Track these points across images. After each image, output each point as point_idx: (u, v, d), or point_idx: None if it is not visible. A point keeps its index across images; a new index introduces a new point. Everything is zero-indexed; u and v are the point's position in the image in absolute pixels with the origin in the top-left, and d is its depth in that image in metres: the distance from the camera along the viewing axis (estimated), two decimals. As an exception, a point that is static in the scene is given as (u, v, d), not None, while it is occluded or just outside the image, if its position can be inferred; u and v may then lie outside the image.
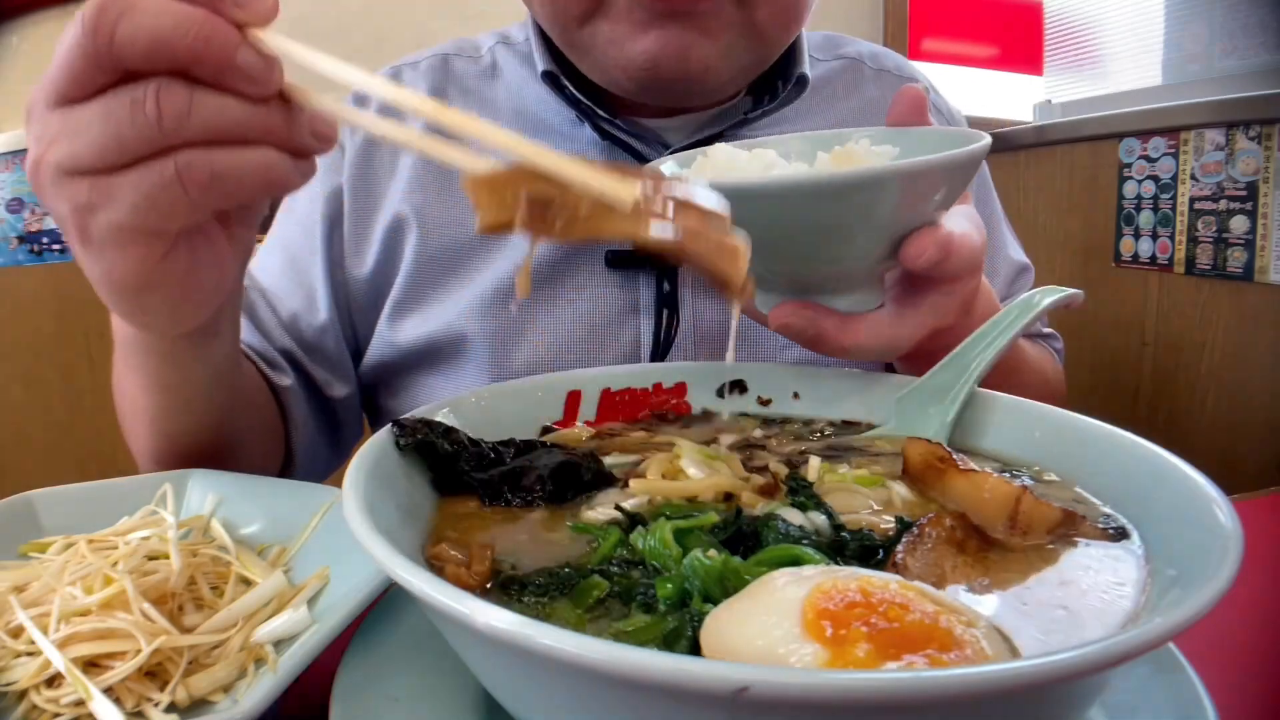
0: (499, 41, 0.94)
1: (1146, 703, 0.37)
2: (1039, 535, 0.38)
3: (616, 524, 0.40)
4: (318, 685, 0.38)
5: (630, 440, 0.54)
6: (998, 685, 0.22)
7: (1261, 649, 0.51)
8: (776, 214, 0.49)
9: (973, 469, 0.42)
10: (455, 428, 0.47)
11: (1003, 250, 0.98)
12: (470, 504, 0.45)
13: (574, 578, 0.35)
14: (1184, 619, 0.25)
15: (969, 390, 0.53)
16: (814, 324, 0.55)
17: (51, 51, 0.41)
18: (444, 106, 0.40)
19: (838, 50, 0.97)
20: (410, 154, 0.85)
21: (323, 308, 0.85)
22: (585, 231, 0.38)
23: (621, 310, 0.81)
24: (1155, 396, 1.94)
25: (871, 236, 0.52)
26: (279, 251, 0.88)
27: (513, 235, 0.40)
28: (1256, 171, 1.70)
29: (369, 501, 0.35)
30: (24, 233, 2.14)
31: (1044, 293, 0.59)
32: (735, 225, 0.42)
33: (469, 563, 0.37)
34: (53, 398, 2.14)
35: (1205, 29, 2.00)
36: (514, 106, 0.88)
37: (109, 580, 0.43)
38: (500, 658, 0.29)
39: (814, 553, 0.35)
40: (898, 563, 0.35)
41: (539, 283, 0.81)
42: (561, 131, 0.85)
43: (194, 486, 0.57)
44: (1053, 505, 0.38)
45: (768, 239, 0.49)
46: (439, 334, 0.82)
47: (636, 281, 0.82)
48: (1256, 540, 0.32)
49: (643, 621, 0.32)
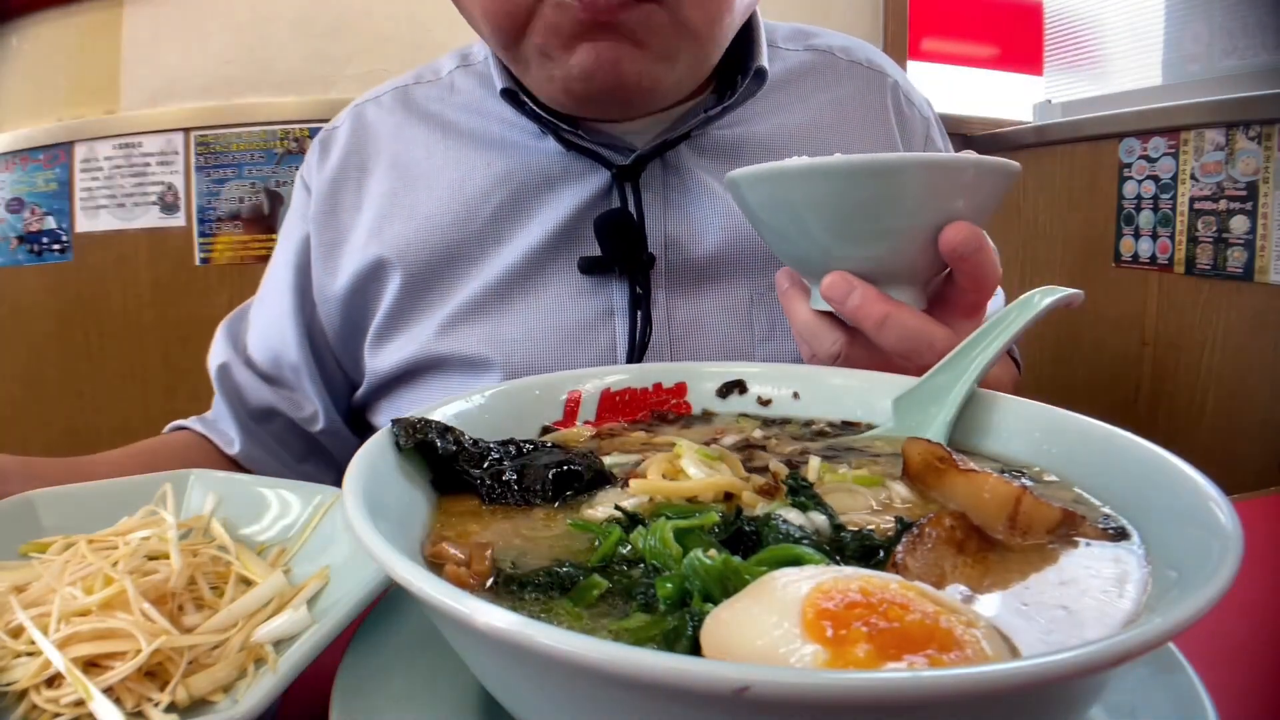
0: (459, 65, 0.95)
1: (1146, 703, 0.37)
2: (1039, 535, 0.38)
3: (616, 523, 0.40)
4: (318, 685, 0.38)
5: (630, 440, 0.54)
6: (998, 685, 0.22)
7: (1261, 649, 0.51)
8: (833, 190, 0.59)
9: (972, 469, 0.41)
10: (454, 427, 0.47)
11: None
12: (470, 503, 0.44)
13: (574, 576, 0.35)
14: (1184, 619, 0.25)
15: (968, 391, 0.52)
16: (859, 289, 0.60)
17: (51, 51, 0.41)
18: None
19: (808, 41, 0.96)
20: (376, 185, 0.88)
21: (293, 346, 0.88)
22: None
23: (595, 315, 0.82)
24: (1155, 396, 1.94)
25: (920, 222, 0.59)
26: (259, 306, 0.94)
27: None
28: (1256, 171, 1.70)
29: (369, 501, 0.35)
30: (24, 233, 2.14)
31: (1043, 292, 0.58)
32: (797, 208, 0.61)
33: (469, 562, 0.37)
34: (53, 398, 2.14)
35: (1205, 29, 2.00)
36: (474, 127, 0.88)
37: (109, 580, 0.43)
38: (500, 658, 0.29)
39: (814, 552, 0.35)
40: (898, 562, 0.35)
41: (512, 290, 0.82)
42: (525, 145, 0.85)
43: (194, 486, 0.57)
44: (1052, 505, 0.38)
45: (825, 216, 0.60)
46: (420, 355, 0.83)
47: (609, 286, 0.82)
48: (1256, 540, 0.32)
49: (642, 620, 0.32)
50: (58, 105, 2.13)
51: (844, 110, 0.91)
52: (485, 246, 0.83)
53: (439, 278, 0.84)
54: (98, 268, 2.13)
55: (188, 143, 2.11)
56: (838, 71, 0.94)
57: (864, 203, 0.59)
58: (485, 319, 0.82)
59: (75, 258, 2.14)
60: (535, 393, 0.56)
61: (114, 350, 2.14)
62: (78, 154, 2.11)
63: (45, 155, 2.12)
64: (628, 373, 0.59)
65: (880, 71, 0.96)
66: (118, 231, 2.12)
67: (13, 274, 2.15)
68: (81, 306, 2.13)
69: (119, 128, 2.11)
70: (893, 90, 0.95)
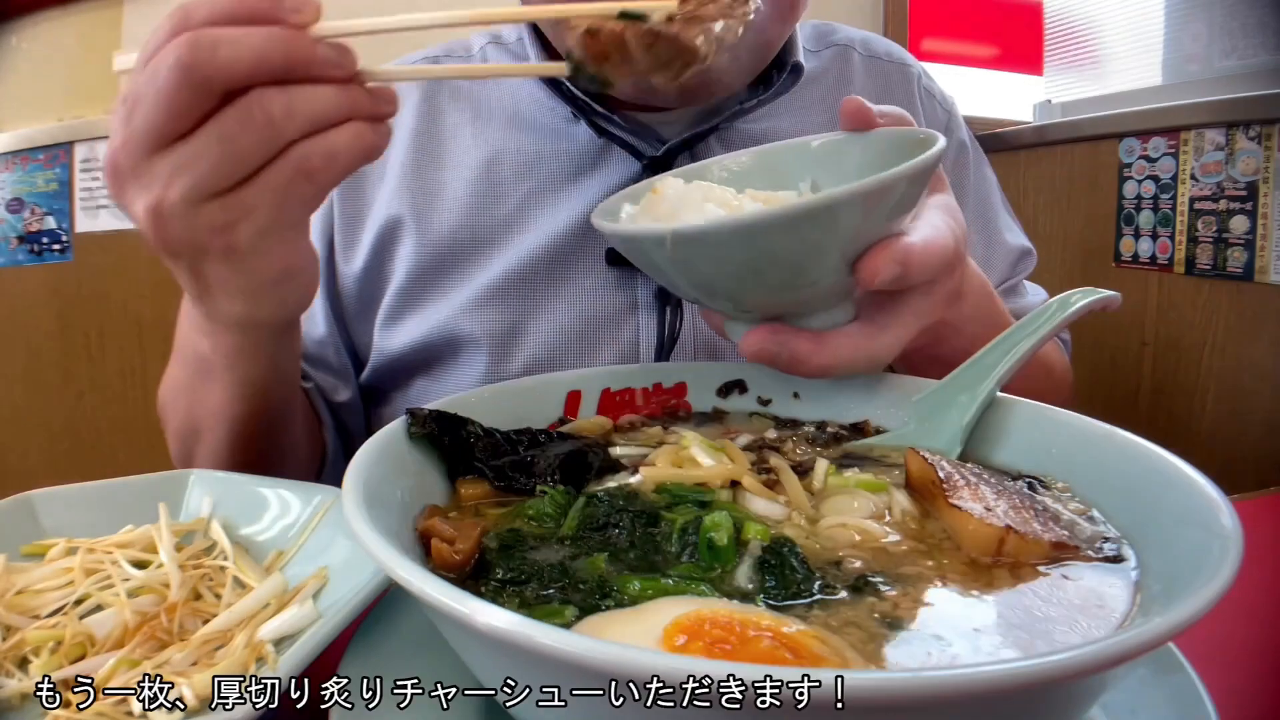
0: (490, 41, 0.94)
1: (1146, 703, 0.37)
2: (1027, 565, 0.38)
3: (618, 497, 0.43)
4: (318, 685, 0.38)
5: (648, 435, 0.55)
6: (998, 685, 0.22)
7: (1261, 649, 0.51)
8: (731, 251, 0.48)
9: (957, 506, 0.40)
10: (469, 419, 0.48)
11: (999, 238, 0.97)
12: (481, 487, 0.46)
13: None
14: (1184, 619, 0.25)
15: (987, 395, 0.51)
16: (787, 347, 0.52)
17: (51, 51, 0.43)
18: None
19: (828, 39, 0.96)
20: (396, 154, 0.86)
21: (320, 321, 0.85)
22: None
23: (620, 309, 0.81)
24: (1155, 396, 1.94)
25: (831, 260, 0.50)
26: None
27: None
28: (1256, 171, 1.70)
29: (369, 501, 0.35)
30: (24, 233, 2.14)
31: (1081, 293, 0.56)
32: (694, 265, 0.49)
33: (455, 539, 0.38)
34: (53, 398, 2.14)
35: (1205, 29, 2.00)
36: (506, 107, 0.87)
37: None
38: (500, 658, 0.29)
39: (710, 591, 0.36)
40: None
41: (536, 280, 0.80)
42: (556, 129, 0.84)
43: (194, 486, 0.57)
44: (1041, 540, 0.38)
45: (728, 274, 0.50)
46: (434, 336, 0.81)
47: (634, 280, 0.81)
48: (1256, 540, 0.32)
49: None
50: (58, 105, 2.13)
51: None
52: (510, 230, 0.82)
53: (458, 258, 0.82)
54: (98, 268, 2.13)
55: (188, 143, 2.11)
56: (861, 67, 0.94)
57: (785, 253, 0.49)
58: (505, 305, 0.80)
59: (75, 258, 2.14)
60: (536, 392, 0.56)
61: (114, 350, 2.14)
62: (78, 154, 2.11)
63: (45, 155, 2.12)
64: (628, 372, 0.59)
65: (903, 64, 0.97)
66: (118, 231, 2.12)
67: (13, 274, 2.15)
68: (81, 306, 2.13)
69: (119, 128, 2.11)
70: (916, 81, 0.96)
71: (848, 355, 0.53)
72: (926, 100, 0.96)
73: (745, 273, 0.50)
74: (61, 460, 2.12)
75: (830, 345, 0.53)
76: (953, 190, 0.94)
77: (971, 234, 0.97)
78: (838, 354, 0.52)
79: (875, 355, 0.54)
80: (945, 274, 0.55)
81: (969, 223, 0.96)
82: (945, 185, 0.63)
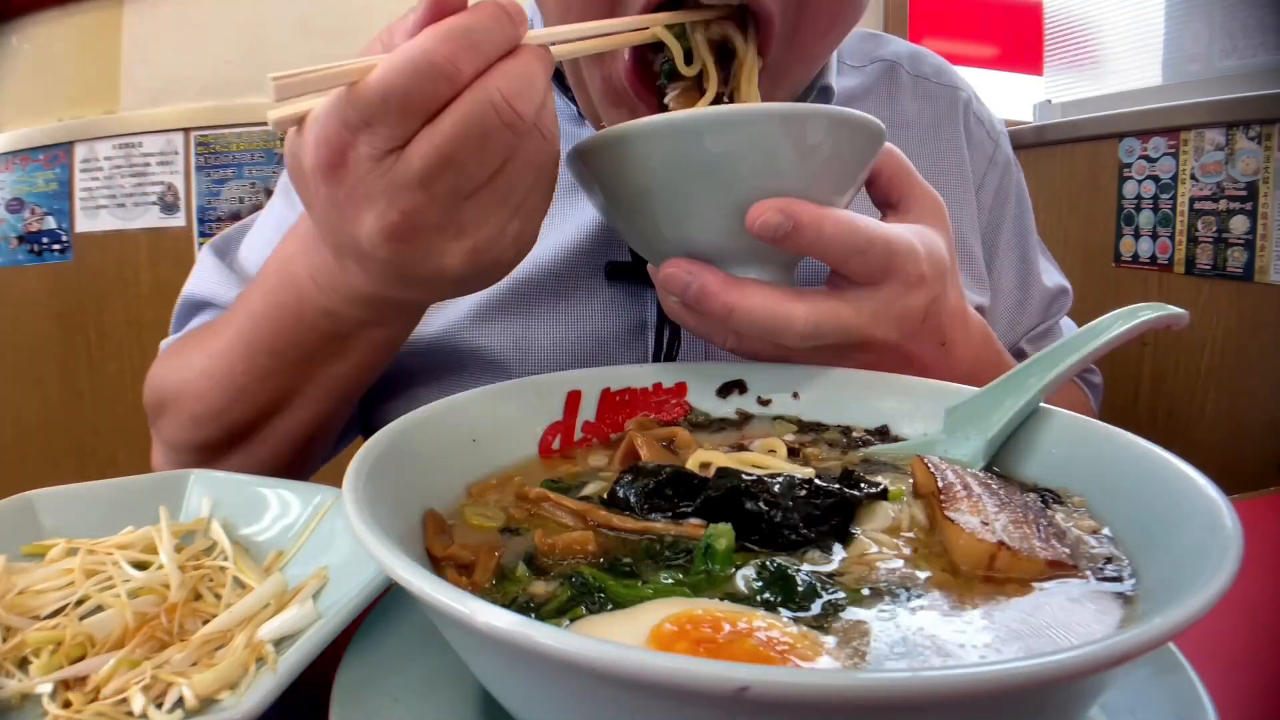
0: None
1: (1146, 703, 0.37)
2: (1021, 580, 0.38)
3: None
4: (318, 685, 0.38)
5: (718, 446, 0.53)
6: (998, 685, 0.22)
7: (1261, 649, 0.51)
8: (659, 155, 0.51)
9: (951, 518, 0.40)
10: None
11: (1035, 278, 0.93)
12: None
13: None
14: (1184, 619, 0.25)
15: (1024, 406, 0.49)
16: (698, 278, 0.52)
17: (51, 52, 0.42)
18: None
19: (875, 53, 0.91)
20: None
21: None
22: None
23: (628, 328, 0.78)
24: (1155, 396, 1.94)
25: (744, 186, 0.51)
26: (255, 248, 0.86)
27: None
28: (1256, 171, 1.70)
29: (369, 501, 0.35)
30: (24, 233, 2.14)
31: (1147, 308, 0.52)
32: (624, 174, 0.54)
33: (473, 566, 0.38)
34: (53, 398, 2.14)
35: (1205, 29, 2.00)
36: None
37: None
38: (500, 658, 0.29)
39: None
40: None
41: (536, 296, 0.78)
42: (561, 131, 0.83)
43: (194, 486, 0.57)
44: (1035, 558, 0.37)
45: (664, 182, 0.53)
46: (435, 341, 0.78)
47: (643, 297, 0.78)
48: (1256, 540, 0.32)
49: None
50: (58, 105, 2.13)
51: (912, 131, 0.87)
52: None
53: None
54: (98, 268, 2.13)
55: (188, 143, 2.11)
56: (910, 88, 0.90)
57: (703, 165, 0.51)
58: (508, 320, 0.78)
59: (75, 258, 2.14)
60: (535, 391, 0.56)
61: (114, 350, 2.14)
62: (78, 154, 2.12)
63: (45, 155, 2.13)
64: (628, 372, 0.59)
65: (952, 87, 0.92)
66: (118, 231, 2.13)
67: (13, 274, 2.15)
68: (81, 306, 2.13)
69: (119, 128, 2.11)
70: (965, 108, 0.91)
71: (752, 304, 0.52)
72: (975, 128, 0.92)
73: (665, 183, 0.53)
74: (61, 460, 2.12)
75: (738, 288, 0.52)
76: (992, 215, 0.93)
77: (1007, 271, 0.94)
78: (744, 299, 0.52)
79: (779, 318, 0.52)
80: (885, 278, 0.54)
81: (1005, 254, 0.94)
82: (945, 225, 0.62)
